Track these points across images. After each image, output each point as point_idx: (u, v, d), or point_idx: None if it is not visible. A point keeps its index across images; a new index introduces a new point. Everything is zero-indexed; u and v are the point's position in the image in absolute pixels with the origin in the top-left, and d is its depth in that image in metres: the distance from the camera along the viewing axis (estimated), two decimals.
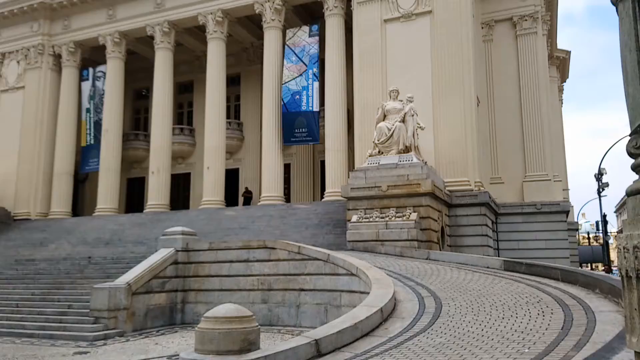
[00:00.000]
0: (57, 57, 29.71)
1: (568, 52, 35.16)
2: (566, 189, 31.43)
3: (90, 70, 29.47)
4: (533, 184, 23.18)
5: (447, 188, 19.25)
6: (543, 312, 7.44)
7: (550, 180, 23.35)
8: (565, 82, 38.14)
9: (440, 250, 16.97)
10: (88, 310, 12.57)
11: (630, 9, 3.33)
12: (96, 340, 11.48)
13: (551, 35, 30.27)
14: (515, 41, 24.52)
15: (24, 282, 16.82)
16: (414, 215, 16.16)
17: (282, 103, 24.52)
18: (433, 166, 19.04)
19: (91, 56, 29.97)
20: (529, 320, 7.00)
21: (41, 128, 28.89)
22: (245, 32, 28.78)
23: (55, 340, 11.66)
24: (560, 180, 26.64)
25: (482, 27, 24.86)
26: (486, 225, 19.42)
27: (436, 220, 17.32)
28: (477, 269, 12.59)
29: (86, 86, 29.56)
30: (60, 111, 29.10)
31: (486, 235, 19.28)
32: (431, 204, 16.88)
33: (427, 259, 14.40)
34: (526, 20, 24.35)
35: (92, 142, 29.00)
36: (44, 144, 28.82)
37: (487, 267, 12.74)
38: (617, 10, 3.57)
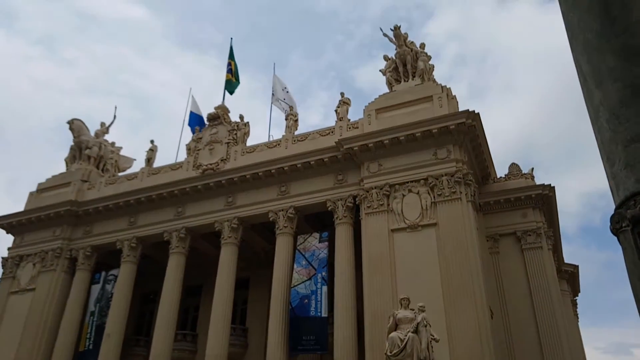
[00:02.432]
0: (73, 260, 30.45)
1: (576, 267, 35.08)
2: None
3: (103, 273, 29.87)
4: None
5: None
6: None
7: None
8: (577, 296, 37.40)
9: None
10: None
11: (632, 240, 3.48)
12: None
13: (557, 249, 30.83)
14: (521, 254, 24.97)
15: None
16: None
17: (290, 307, 24.08)
18: None
19: (105, 260, 30.72)
20: None
21: (43, 331, 28.02)
22: (258, 237, 29.82)
23: None
24: None
25: (488, 240, 25.63)
26: None
27: None
28: None
29: (95, 289, 29.57)
30: (65, 314, 28.59)
31: None
32: None
33: None
34: (530, 235, 25.17)
35: (90, 347, 27.77)
36: (42, 348, 27.61)
37: None
38: (618, 240, 3.72)
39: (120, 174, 34.34)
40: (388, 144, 24.45)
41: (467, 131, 23.83)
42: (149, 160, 32.30)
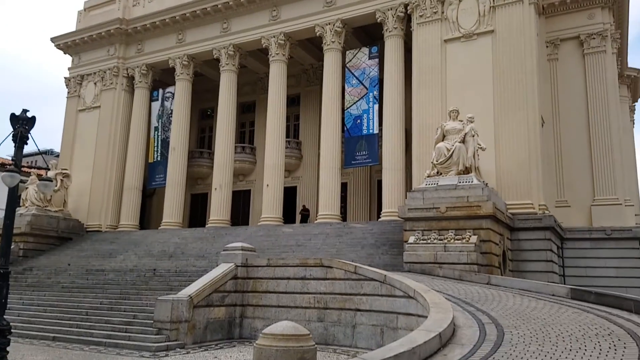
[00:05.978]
0: (130, 78, 31.62)
1: (639, 71, 33.32)
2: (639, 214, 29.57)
3: (160, 91, 31.19)
4: (602, 208, 22.06)
5: (509, 211, 18.67)
6: (615, 345, 7.06)
7: (621, 204, 22.15)
8: (637, 101, 36.17)
9: (501, 275, 16.43)
10: (152, 321, 13.09)
11: None
12: (158, 351, 11.91)
13: (621, 53, 28.92)
14: (582, 60, 23.70)
15: (93, 291, 17.76)
16: (474, 238, 15.79)
17: (343, 127, 24.88)
18: (494, 188, 18.56)
19: (161, 78, 31.72)
20: (599, 353, 6.67)
21: (113, 145, 30.70)
22: (306, 53, 29.45)
23: (120, 349, 12.20)
24: (633, 205, 25.14)
25: (547, 46, 24.21)
26: (551, 250, 18.62)
27: (497, 244, 16.82)
28: (541, 296, 12.12)
29: (155, 106, 31.25)
30: (132, 129, 30.87)
31: (551, 261, 18.47)
32: (492, 227, 16.44)
33: (487, 283, 14.01)
34: (594, 38, 23.50)
35: (158, 158, 30.50)
36: (116, 160, 30.56)
37: (553, 295, 12.23)
38: None
39: None
40: None
41: None
42: None
